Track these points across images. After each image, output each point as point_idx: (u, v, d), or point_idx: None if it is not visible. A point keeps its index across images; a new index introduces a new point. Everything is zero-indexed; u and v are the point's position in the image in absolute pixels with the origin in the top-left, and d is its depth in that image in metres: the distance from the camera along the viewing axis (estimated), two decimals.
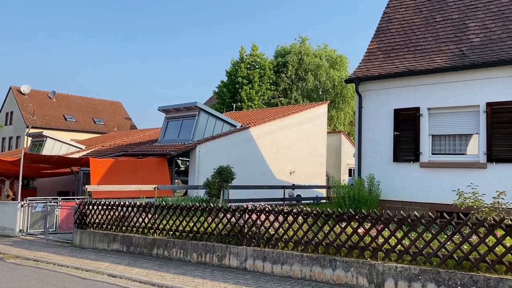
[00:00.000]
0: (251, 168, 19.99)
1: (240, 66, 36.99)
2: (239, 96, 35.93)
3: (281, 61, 38.82)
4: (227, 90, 37.42)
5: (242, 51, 38.43)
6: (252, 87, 36.13)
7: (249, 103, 35.49)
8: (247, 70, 36.79)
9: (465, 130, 10.75)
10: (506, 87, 10.02)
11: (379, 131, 11.87)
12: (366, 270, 6.72)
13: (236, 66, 37.70)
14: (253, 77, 36.29)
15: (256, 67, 37.57)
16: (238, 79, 36.30)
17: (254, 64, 37.81)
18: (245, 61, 37.54)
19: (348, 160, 29.09)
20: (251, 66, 37.61)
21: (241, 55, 38.31)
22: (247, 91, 35.80)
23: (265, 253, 7.88)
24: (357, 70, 12.77)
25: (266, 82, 37.10)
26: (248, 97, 35.71)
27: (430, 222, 6.50)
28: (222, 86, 38.31)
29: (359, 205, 10.55)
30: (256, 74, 36.50)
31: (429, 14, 12.83)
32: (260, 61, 37.75)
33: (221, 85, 38.73)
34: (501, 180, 9.73)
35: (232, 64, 38.18)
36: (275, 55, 40.60)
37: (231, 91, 37.15)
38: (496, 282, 5.72)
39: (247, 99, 35.63)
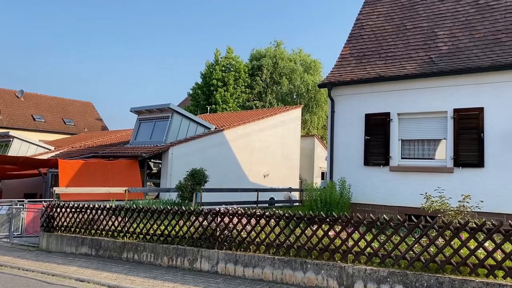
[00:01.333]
0: (225, 171, 19.94)
1: (215, 69, 36.90)
2: (214, 98, 35.83)
3: (256, 64, 38.96)
4: (201, 92, 37.25)
5: (217, 54, 38.37)
6: (227, 90, 36.10)
7: (224, 106, 35.43)
8: (222, 73, 36.74)
9: (433, 135, 11.04)
10: (472, 94, 10.37)
11: (351, 135, 12.06)
12: (336, 272, 6.80)
13: (211, 68, 37.59)
14: (228, 80, 36.26)
15: (231, 69, 37.57)
16: (213, 82, 36.20)
17: (229, 67, 37.80)
18: (220, 64, 37.49)
19: (321, 163, 29.46)
20: (226, 69, 37.58)
21: (216, 57, 38.24)
22: (222, 94, 35.74)
23: (237, 256, 7.87)
24: (330, 75, 12.94)
25: (241, 85, 37.14)
26: (223, 99, 35.65)
27: (398, 225, 6.63)
28: (197, 88, 38.11)
29: (331, 208, 10.68)
30: (231, 76, 36.50)
31: (400, 22, 13.15)
32: (235, 64, 37.78)
33: (195, 87, 38.52)
34: (467, 184, 10.04)
35: (207, 66, 38.06)
36: (250, 58, 40.72)
37: (206, 93, 37.00)
38: (461, 284, 5.88)
39: (221, 102, 35.56)
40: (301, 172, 27.63)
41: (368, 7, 14.35)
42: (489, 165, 9.99)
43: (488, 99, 10.16)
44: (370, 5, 14.38)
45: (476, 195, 9.44)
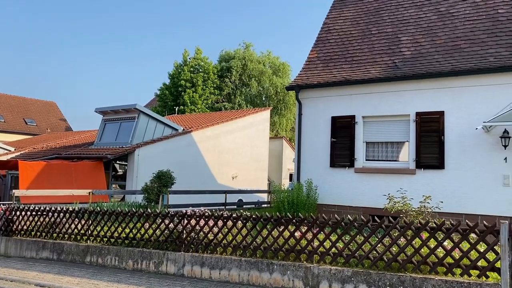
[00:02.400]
0: (192, 172, 19.78)
1: (184, 69, 36.58)
2: (182, 99, 35.50)
3: (225, 66, 38.90)
4: (169, 93, 36.83)
5: (185, 54, 38.06)
6: (195, 91, 35.85)
7: (192, 107, 35.16)
8: (191, 74, 36.46)
9: (396, 138, 11.35)
10: (433, 98, 10.73)
11: (318, 137, 12.23)
12: (302, 273, 6.87)
13: (179, 69, 37.24)
14: (197, 81, 36.03)
15: (200, 70, 37.35)
16: (181, 82, 35.87)
17: (198, 68, 37.57)
18: (189, 65, 37.20)
19: (289, 165, 29.69)
20: (194, 70, 37.33)
21: (185, 58, 37.93)
22: (190, 95, 35.47)
23: (204, 258, 7.82)
24: (298, 78, 13.09)
25: (210, 86, 36.98)
26: (191, 100, 35.38)
27: (362, 225, 6.78)
28: (164, 89, 37.65)
29: (298, 209, 10.79)
30: (199, 77, 36.27)
31: (366, 27, 13.46)
32: (204, 65, 37.58)
33: (163, 87, 38.04)
34: (428, 185, 10.38)
35: (175, 67, 37.68)
36: (219, 59, 40.62)
37: (174, 94, 36.62)
38: (421, 282, 6.07)
39: (190, 103, 35.28)
40: (270, 174, 27.78)
41: (334, 12, 14.62)
42: (449, 167, 10.36)
43: (448, 103, 10.54)
44: (337, 9, 14.65)
45: (437, 196, 9.81)
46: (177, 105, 35.29)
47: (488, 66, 10.15)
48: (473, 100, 10.23)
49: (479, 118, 9.83)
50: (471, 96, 10.28)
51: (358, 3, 14.44)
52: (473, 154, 10.11)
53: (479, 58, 10.62)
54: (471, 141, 10.15)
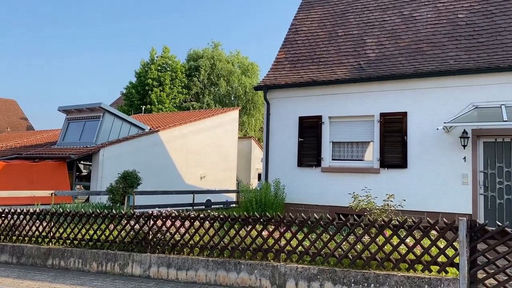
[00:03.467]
0: (159, 173, 19.52)
1: (151, 68, 36.06)
2: (149, 98, 34.97)
3: (193, 65, 38.62)
4: (136, 92, 36.20)
5: (152, 53, 37.52)
6: (162, 90, 35.41)
7: (160, 106, 34.71)
8: (158, 72, 35.98)
9: (362, 138, 11.60)
10: (397, 99, 11.04)
11: (285, 137, 12.34)
12: (269, 272, 6.91)
13: (146, 67, 36.67)
14: (164, 80, 35.59)
15: (168, 69, 36.91)
16: (148, 81, 35.33)
17: (165, 67, 37.12)
18: (156, 63, 36.69)
19: (258, 165, 29.80)
20: (162, 68, 36.86)
21: (152, 56, 37.39)
22: (158, 94, 35.00)
23: (170, 259, 7.73)
24: (266, 78, 13.17)
25: (178, 85, 36.61)
26: (159, 99, 34.92)
27: (328, 223, 6.88)
28: (131, 88, 36.98)
29: (265, 209, 10.85)
30: (167, 76, 35.85)
31: (332, 29, 13.68)
32: (171, 64, 37.17)
33: (129, 86, 37.35)
34: (391, 184, 10.67)
35: (142, 65, 37.08)
36: (187, 58, 40.28)
37: (140, 92, 36.03)
38: (385, 278, 6.22)
39: (157, 102, 34.81)
40: (239, 174, 27.78)
41: (302, 13, 14.78)
42: (412, 166, 10.68)
43: (410, 104, 10.86)
44: (304, 11, 14.82)
45: (400, 194, 10.09)
46: (144, 104, 34.73)
47: (449, 68, 10.54)
48: (434, 101, 10.59)
49: (440, 118, 10.19)
50: (433, 97, 10.64)
51: (325, 5, 14.66)
52: (434, 153, 10.46)
53: (440, 60, 11.00)
54: (432, 141, 10.51)
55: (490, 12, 11.61)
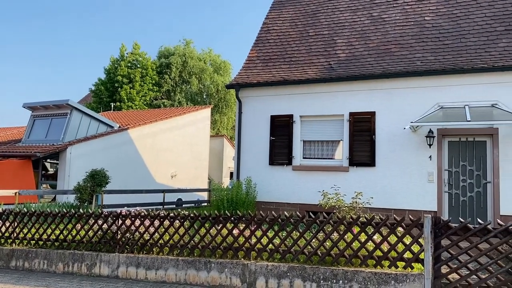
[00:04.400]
0: (129, 171, 19.21)
1: (120, 64, 35.36)
2: (119, 95, 34.31)
3: (164, 62, 38.14)
4: (105, 89, 35.44)
5: (122, 49, 36.81)
6: (133, 87, 34.81)
7: (130, 104, 34.12)
8: (128, 69, 35.33)
9: (332, 136, 11.76)
10: (365, 99, 11.25)
11: (257, 136, 12.37)
12: (239, 270, 6.91)
13: (116, 64, 35.94)
14: (134, 77, 34.99)
15: (138, 66, 36.30)
16: (117, 78, 34.64)
17: (136, 63, 36.50)
18: (126, 60, 36.02)
19: (230, 163, 29.74)
20: (132, 65, 36.22)
21: (122, 53, 36.68)
22: (128, 91, 34.39)
23: (139, 259, 7.63)
24: (238, 76, 13.15)
25: (148, 82, 36.08)
26: (129, 97, 34.32)
27: (298, 221, 6.95)
28: (100, 84, 36.17)
29: (237, 207, 10.85)
30: (137, 73, 35.26)
31: (303, 28, 13.80)
32: (142, 61, 36.58)
33: (98, 83, 36.53)
34: (360, 182, 10.87)
35: (112, 62, 36.33)
36: (158, 55, 39.75)
37: (110, 90, 35.30)
38: (353, 274, 6.34)
39: (127, 99, 34.20)
40: (210, 172, 27.66)
41: (274, 12, 14.84)
42: (380, 165, 10.92)
43: (379, 104, 11.10)
44: (276, 10, 14.89)
45: (368, 192, 10.30)
46: (113, 102, 34.04)
47: (416, 69, 10.82)
48: (402, 101, 10.85)
49: (407, 118, 10.45)
50: (400, 97, 10.90)
51: (296, 5, 14.77)
52: (402, 152, 10.72)
53: (408, 61, 11.28)
54: (399, 140, 10.77)
55: (455, 16, 11.98)
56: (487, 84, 10.18)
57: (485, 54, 10.63)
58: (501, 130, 9.88)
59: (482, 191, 10.06)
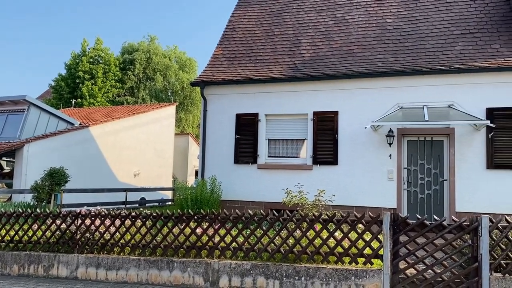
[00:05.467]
0: (90, 170, 18.68)
1: (82, 60, 34.30)
2: (80, 92, 33.29)
3: (128, 58, 37.32)
4: (65, 85, 34.29)
5: (84, 44, 35.71)
6: (95, 83, 33.86)
7: (91, 100, 33.17)
8: (90, 65, 34.34)
9: (296, 135, 11.88)
10: (329, 99, 11.43)
11: (222, 134, 12.33)
12: (202, 269, 6.88)
13: (77, 59, 34.84)
14: (97, 73, 34.05)
15: (100, 62, 35.35)
16: (79, 74, 33.60)
17: (98, 59, 35.52)
18: (88, 55, 34.99)
19: (195, 162, 29.49)
20: (94, 61, 35.22)
21: (84, 48, 35.58)
22: (89, 87, 33.42)
23: (99, 259, 7.44)
24: (203, 74, 13.06)
25: (111, 78, 35.21)
26: (90, 93, 33.36)
27: (261, 219, 6.98)
28: (60, 80, 34.95)
29: (201, 206, 10.78)
30: (100, 69, 34.33)
31: (269, 28, 13.86)
32: (104, 56, 35.63)
33: (58, 78, 35.29)
34: (323, 180, 11.05)
35: (73, 57, 35.18)
36: (121, 51, 38.83)
37: (71, 85, 34.19)
38: (315, 271, 6.44)
39: (88, 96, 33.23)
40: (175, 171, 27.32)
41: (239, 10, 14.82)
42: (342, 163, 11.13)
43: (342, 104, 11.31)
44: (242, 8, 14.88)
45: (331, 190, 10.48)
46: (74, 98, 32.99)
47: (377, 70, 11.10)
48: (363, 101, 11.10)
49: (368, 118, 10.71)
50: (362, 97, 11.15)
51: (262, 4, 14.81)
52: (363, 151, 10.97)
53: (370, 62, 11.55)
54: (361, 139, 11.01)
55: (415, 18, 12.37)
56: (444, 86, 10.57)
57: (443, 57, 11.04)
58: (457, 130, 10.30)
59: (439, 189, 10.45)
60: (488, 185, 9.99)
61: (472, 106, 10.23)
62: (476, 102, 10.25)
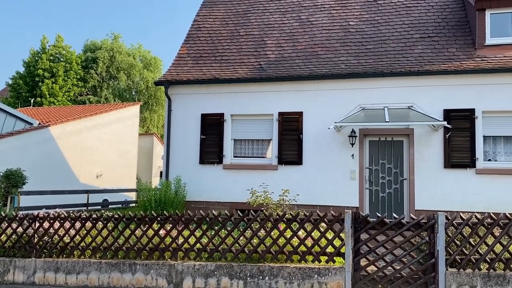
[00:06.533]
0: (50, 171, 18.07)
1: (42, 57, 33.14)
2: (39, 90, 32.15)
3: (90, 56, 36.39)
4: (24, 83, 33.03)
5: (44, 41, 34.52)
6: (55, 82, 32.79)
7: (52, 99, 32.11)
8: (50, 63, 33.22)
9: (262, 136, 11.92)
10: (294, 100, 11.54)
11: (187, 134, 12.21)
12: (165, 271, 6.80)
13: (36, 56, 33.63)
14: (57, 71, 32.99)
15: (61, 60, 34.27)
16: (38, 72, 32.44)
17: (59, 57, 34.42)
18: (48, 52, 33.84)
19: (160, 162, 29.04)
20: (55, 58, 34.11)
21: (43, 45, 34.40)
22: (49, 86, 32.34)
23: (58, 263, 7.22)
24: (167, 73, 12.90)
25: (73, 77, 34.21)
26: (51, 92, 32.29)
27: (226, 220, 6.98)
28: (18, 78, 33.64)
29: (165, 207, 10.64)
30: (61, 67, 33.29)
31: (234, 28, 13.85)
32: (66, 54, 34.58)
33: (16, 76, 33.96)
34: (288, 180, 11.14)
35: (32, 54, 33.95)
36: (84, 49, 37.82)
37: (29, 84, 32.97)
38: (278, 270, 6.50)
39: (48, 95, 32.15)
40: (140, 172, 26.82)
41: (205, 10, 14.74)
42: (306, 163, 11.27)
43: (306, 104, 11.44)
44: (207, 8, 14.80)
45: (296, 189, 10.59)
46: (33, 97, 31.81)
47: (340, 72, 11.31)
48: (327, 102, 11.28)
49: (332, 118, 10.89)
50: (326, 98, 11.33)
51: (227, 4, 14.79)
52: (327, 151, 11.15)
53: (333, 64, 11.76)
54: (325, 140, 11.19)
55: (376, 22, 12.69)
56: (404, 88, 10.90)
57: (403, 59, 11.38)
58: (416, 131, 10.64)
59: (399, 188, 10.77)
60: (446, 183, 10.38)
61: (431, 108, 10.60)
62: (434, 103, 10.63)
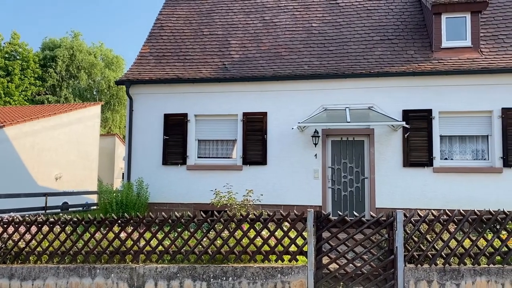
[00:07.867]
0: (4, 173, 17.31)
1: None
2: None
3: (49, 54, 35.15)
4: None
5: None
6: (11, 81, 31.45)
7: (7, 99, 30.79)
8: (5, 61, 31.84)
9: (226, 136, 11.88)
10: (258, 100, 11.58)
11: (150, 135, 12.00)
12: (127, 274, 6.65)
13: None
14: (13, 69, 31.66)
15: (18, 58, 32.91)
16: None
17: (15, 55, 33.04)
18: (3, 50, 32.43)
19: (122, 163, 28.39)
20: (10, 56, 32.72)
21: None
22: (5, 85, 30.98)
23: (13, 269, 6.91)
24: (129, 72, 12.63)
25: (30, 76, 32.93)
26: (6, 91, 30.95)
27: (189, 221, 6.90)
28: None
29: (127, 210, 10.41)
30: (17, 66, 31.99)
31: (198, 27, 13.74)
32: (22, 52, 33.24)
33: None
34: (253, 180, 11.16)
35: None
36: (42, 47, 36.48)
37: None
38: (242, 271, 6.49)
39: (4, 94, 30.79)
40: (101, 173, 26.16)
41: (168, 9, 14.54)
42: (271, 163, 11.32)
43: (270, 105, 11.50)
44: (170, 6, 14.61)
45: (260, 189, 10.63)
46: None
47: (303, 73, 11.43)
48: (291, 103, 11.38)
49: (295, 119, 11.00)
50: (289, 99, 11.43)
51: (191, 3, 14.65)
52: (291, 151, 11.25)
53: (296, 65, 11.87)
54: (289, 140, 11.28)
55: (338, 24, 12.92)
56: (365, 89, 11.15)
57: (364, 61, 11.64)
58: (377, 131, 10.91)
59: (361, 186, 11.01)
60: (405, 182, 10.70)
61: (390, 108, 10.90)
62: (393, 104, 10.94)
